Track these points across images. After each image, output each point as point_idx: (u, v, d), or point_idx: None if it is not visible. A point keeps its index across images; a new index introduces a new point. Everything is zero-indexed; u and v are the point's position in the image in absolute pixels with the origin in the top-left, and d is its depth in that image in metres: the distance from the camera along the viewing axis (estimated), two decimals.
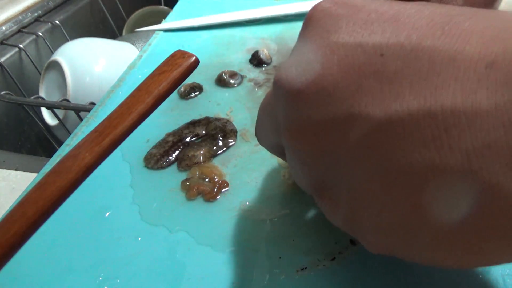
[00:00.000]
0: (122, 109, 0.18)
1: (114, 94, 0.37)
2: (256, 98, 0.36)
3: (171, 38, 0.47)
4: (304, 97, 0.16)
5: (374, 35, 0.15)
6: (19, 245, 0.15)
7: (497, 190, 0.11)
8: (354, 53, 0.15)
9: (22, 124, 0.65)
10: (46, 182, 0.16)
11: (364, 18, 0.16)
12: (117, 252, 0.24)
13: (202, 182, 0.27)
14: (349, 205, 0.16)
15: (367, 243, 0.16)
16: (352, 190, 0.16)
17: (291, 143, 0.17)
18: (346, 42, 0.15)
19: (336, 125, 0.15)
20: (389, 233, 0.15)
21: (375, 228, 0.15)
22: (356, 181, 0.15)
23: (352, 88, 0.15)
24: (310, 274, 0.22)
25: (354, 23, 0.16)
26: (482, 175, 0.12)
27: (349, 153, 0.15)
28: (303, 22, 0.18)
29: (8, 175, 0.37)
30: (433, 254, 0.14)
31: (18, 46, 0.65)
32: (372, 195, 0.15)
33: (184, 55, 0.19)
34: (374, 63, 0.14)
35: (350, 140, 0.15)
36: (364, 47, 0.15)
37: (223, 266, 0.22)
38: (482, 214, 0.12)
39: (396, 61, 0.14)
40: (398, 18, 0.15)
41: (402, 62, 0.14)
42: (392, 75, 0.14)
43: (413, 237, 0.14)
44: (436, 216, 0.13)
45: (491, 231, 0.12)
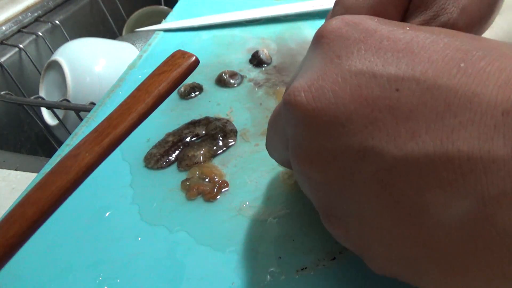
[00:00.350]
0: (122, 109, 0.18)
1: (114, 94, 0.37)
2: (256, 98, 0.36)
3: (171, 38, 0.47)
4: (315, 125, 0.16)
5: (389, 66, 0.15)
6: (19, 245, 0.15)
7: (510, 236, 0.12)
8: (368, 85, 0.15)
9: (22, 124, 0.65)
10: (46, 182, 0.16)
11: (377, 45, 0.16)
12: (117, 252, 0.24)
13: (202, 182, 0.27)
14: (359, 234, 0.16)
15: (374, 267, 0.17)
16: (362, 222, 0.16)
17: (300, 168, 0.17)
18: (358, 71, 0.15)
19: (348, 156, 0.15)
20: (398, 263, 0.15)
21: (384, 257, 0.16)
22: (367, 214, 0.15)
23: (366, 121, 0.14)
24: (310, 274, 0.22)
25: (366, 49, 0.16)
26: (496, 221, 0.12)
27: (361, 186, 0.15)
28: (313, 39, 0.18)
29: (8, 175, 0.37)
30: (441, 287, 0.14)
31: (18, 46, 0.65)
32: (383, 229, 0.15)
33: (184, 55, 0.19)
34: (389, 98, 0.14)
35: (362, 173, 0.15)
36: (378, 79, 0.15)
37: (223, 266, 0.22)
38: (493, 258, 0.12)
39: (412, 98, 0.14)
40: (413, 49, 0.15)
41: (417, 99, 0.14)
42: (408, 113, 0.14)
43: (422, 270, 0.14)
44: (447, 256, 0.13)
45: (501, 277, 0.12)
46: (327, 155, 0.15)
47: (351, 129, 0.15)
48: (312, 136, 0.16)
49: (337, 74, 0.16)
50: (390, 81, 0.14)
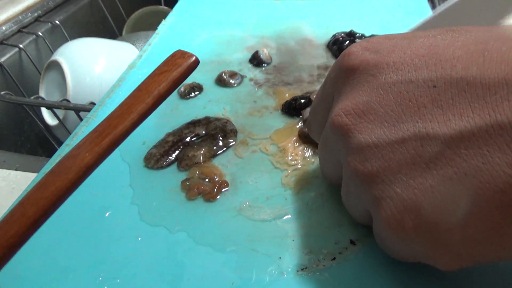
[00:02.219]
0: (122, 109, 0.18)
1: (114, 94, 0.37)
2: (256, 98, 0.36)
3: (171, 38, 0.47)
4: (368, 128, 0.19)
5: (420, 70, 0.17)
6: (19, 245, 0.15)
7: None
8: (408, 89, 0.17)
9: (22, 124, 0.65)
10: (46, 182, 0.16)
11: (402, 57, 0.18)
12: (117, 252, 0.24)
13: (202, 182, 0.27)
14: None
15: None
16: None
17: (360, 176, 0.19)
18: (396, 80, 0.18)
19: (405, 144, 0.17)
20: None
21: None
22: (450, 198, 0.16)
23: (416, 117, 0.17)
24: (310, 274, 0.22)
25: (394, 62, 0.18)
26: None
27: (429, 172, 0.16)
28: (337, 72, 0.21)
29: (8, 175, 0.37)
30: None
31: (18, 46, 0.64)
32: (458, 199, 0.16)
33: (184, 55, 0.19)
34: (430, 94, 0.17)
35: (423, 159, 0.17)
36: (415, 82, 0.17)
37: (223, 266, 0.22)
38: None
39: (450, 89, 0.16)
40: (436, 52, 0.17)
41: (456, 89, 0.16)
42: (450, 101, 0.16)
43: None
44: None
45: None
46: (387, 147, 0.18)
47: (403, 127, 0.17)
48: (367, 134, 0.18)
49: (378, 88, 0.18)
50: (426, 81, 0.17)
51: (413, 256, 0.19)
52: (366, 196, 0.19)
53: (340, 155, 0.20)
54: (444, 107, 0.16)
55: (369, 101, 0.19)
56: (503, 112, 0.15)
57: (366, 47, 0.20)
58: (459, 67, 0.16)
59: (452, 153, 0.16)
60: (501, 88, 0.15)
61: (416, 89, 0.17)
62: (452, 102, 0.16)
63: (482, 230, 0.15)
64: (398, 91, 0.18)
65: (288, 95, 0.35)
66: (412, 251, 0.18)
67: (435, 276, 0.21)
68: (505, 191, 0.14)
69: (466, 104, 0.16)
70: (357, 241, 0.23)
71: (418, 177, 0.17)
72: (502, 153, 0.15)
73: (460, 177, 0.16)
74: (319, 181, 0.27)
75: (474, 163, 0.15)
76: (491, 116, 0.15)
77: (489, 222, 0.15)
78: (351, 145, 0.19)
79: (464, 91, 0.16)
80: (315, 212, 0.25)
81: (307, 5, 0.51)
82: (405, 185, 0.17)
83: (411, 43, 0.19)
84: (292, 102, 0.33)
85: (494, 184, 0.15)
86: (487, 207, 0.15)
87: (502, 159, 0.15)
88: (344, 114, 0.19)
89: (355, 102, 0.19)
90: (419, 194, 0.17)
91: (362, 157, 0.19)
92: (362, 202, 0.20)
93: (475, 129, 0.15)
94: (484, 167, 0.15)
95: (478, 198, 0.15)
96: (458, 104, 0.16)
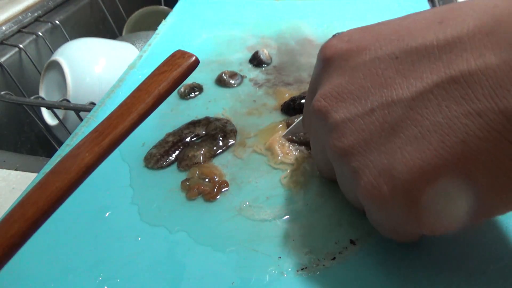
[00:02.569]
0: (122, 109, 0.18)
1: (114, 94, 0.37)
2: (256, 98, 0.36)
3: (171, 38, 0.47)
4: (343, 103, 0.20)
5: (385, 47, 0.19)
6: (19, 245, 0.15)
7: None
8: (375, 65, 0.19)
9: (22, 124, 0.65)
10: (46, 182, 0.16)
11: (370, 39, 0.20)
12: (117, 252, 0.24)
13: (202, 182, 0.27)
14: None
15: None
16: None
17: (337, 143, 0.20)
18: (364, 60, 0.20)
19: (374, 114, 0.19)
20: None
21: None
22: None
23: (382, 88, 0.19)
24: (310, 274, 0.22)
25: (363, 45, 0.20)
26: (509, 102, 0.15)
27: (399, 132, 0.18)
28: (318, 64, 0.23)
29: (8, 175, 0.37)
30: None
31: (18, 46, 0.64)
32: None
33: (184, 55, 0.19)
34: (394, 65, 0.19)
35: (391, 123, 0.18)
36: (380, 58, 0.19)
37: (223, 266, 0.22)
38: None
39: (411, 57, 0.18)
40: (399, 29, 0.19)
41: (416, 56, 0.18)
42: (411, 67, 0.18)
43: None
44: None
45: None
46: (362, 119, 0.19)
47: (372, 99, 0.19)
48: (343, 112, 0.20)
49: (349, 70, 0.20)
50: (390, 55, 0.19)
51: (399, 225, 0.19)
52: (349, 172, 0.20)
53: (324, 140, 0.22)
54: (406, 74, 0.18)
55: (342, 83, 0.20)
56: (456, 68, 0.16)
57: (340, 38, 0.22)
58: (418, 37, 0.18)
59: (415, 114, 0.17)
60: (455, 46, 0.17)
61: (381, 64, 0.19)
62: (413, 68, 0.18)
63: (450, 182, 0.16)
64: (366, 68, 0.19)
65: (288, 95, 0.35)
66: (396, 218, 0.18)
67: (435, 276, 0.21)
68: (464, 140, 0.16)
69: (425, 67, 0.17)
70: (357, 241, 0.23)
71: (387, 142, 0.18)
72: (458, 105, 0.16)
73: (424, 134, 0.17)
74: (318, 181, 0.27)
75: (435, 120, 0.17)
76: (446, 73, 0.16)
77: (455, 173, 0.16)
78: (329, 125, 0.21)
79: (423, 56, 0.17)
80: (315, 212, 0.25)
81: (307, 5, 0.51)
82: (377, 151, 0.18)
83: (379, 27, 0.21)
84: (290, 103, 0.33)
85: (454, 135, 0.16)
86: (452, 159, 0.16)
87: (458, 111, 0.16)
88: (322, 98, 0.21)
89: (331, 86, 0.21)
90: (390, 158, 0.18)
91: (338, 133, 0.20)
92: (350, 182, 0.21)
93: (433, 87, 0.17)
94: (444, 121, 0.16)
95: (442, 152, 0.16)
96: (418, 69, 0.18)
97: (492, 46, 0.16)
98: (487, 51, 0.16)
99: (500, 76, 0.15)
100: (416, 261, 0.21)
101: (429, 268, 0.21)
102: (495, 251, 0.22)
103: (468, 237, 0.22)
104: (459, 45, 0.16)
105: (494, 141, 0.15)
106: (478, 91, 0.15)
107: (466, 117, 0.16)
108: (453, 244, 0.22)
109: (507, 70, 0.15)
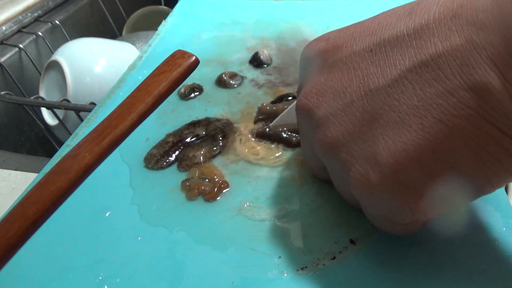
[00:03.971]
0: (122, 109, 0.18)
1: (114, 95, 0.37)
2: (256, 99, 0.36)
3: (171, 39, 0.47)
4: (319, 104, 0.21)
5: (359, 42, 0.20)
6: (19, 245, 0.15)
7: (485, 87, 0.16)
8: (351, 60, 0.20)
9: (22, 124, 0.65)
10: (46, 182, 0.16)
11: (345, 37, 0.21)
12: (117, 251, 0.24)
13: (202, 182, 0.27)
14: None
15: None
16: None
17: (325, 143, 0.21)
18: (341, 57, 0.21)
19: (354, 105, 0.19)
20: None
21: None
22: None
23: (360, 80, 0.19)
24: (310, 274, 0.22)
25: (340, 43, 0.21)
26: (475, 78, 0.16)
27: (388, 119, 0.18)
28: (300, 66, 0.25)
29: (8, 175, 0.37)
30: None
31: (18, 46, 0.64)
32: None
33: (184, 55, 0.19)
34: (369, 58, 0.19)
35: (371, 112, 0.19)
36: (356, 53, 0.20)
37: (223, 266, 0.22)
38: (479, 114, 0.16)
39: (384, 48, 0.19)
40: (371, 25, 0.20)
41: (388, 46, 0.19)
42: (385, 57, 0.19)
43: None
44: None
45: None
46: (343, 111, 0.20)
47: (351, 91, 0.20)
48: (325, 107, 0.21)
49: (328, 67, 0.21)
50: (364, 49, 0.20)
51: (393, 213, 0.19)
52: (338, 165, 0.20)
53: (311, 138, 0.22)
54: (381, 64, 0.19)
55: (321, 80, 0.21)
56: (426, 52, 0.17)
57: (318, 39, 0.23)
58: (389, 29, 0.19)
59: (392, 100, 0.18)
60: (423, 33, 0.18)
61: (357, 58, 0.20)
62: (387, 58, 0.19)
63: (434, 161, 0.17)
64: (343, 64, 0.20)
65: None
66: (389, 204, 0.19)
67: (435, 276, 0.21)
68: (441, 120, 0.16)
69: (398, 55, 0.18)
70: (357, 240, 0.23)
71: (369, 130, 0.19)
72: (431, 87, 0.17)
73: (403, 118, 0.17)
74: (318, 181, 0.27)
75: (412, 103, 0.17)
76: (417, 58, 0.17)
77: (438, 152, 0.17)
78: (314, 122, 0.21)
79: (395, 46, 0.18)
80: (315, 212, 0.25)
81: (307, 5, 0.51)
82: (361, 140, 0.19)
83: (355, 26, 0.22)
84: (283, 97, 0.34)
85: (431, 116, 0.17)
86: (432, 138, 0.17)
87: (432, 92, 0.17)
88: (304, 97, 0.22)
89: (311, 84, 0.22)
90: (373, 145, 0.18)
91: (323, 129, 0.20)
92: (341, 176, 0.21)
93: (407, 73, 0.18)
94: (420, 104, 0.17)
95: (422, 133, 0.17)
96: (392, 58, 0.18)
97: (456, 28, 0.16)
98: (452, 33, 0.17)
99: (465, 55, 0.16)
100: (416, 261, 0.22)
101: (429, 268, 0.21)
102: (495, 251, 0.22)
103: (468, 237, 0.22)
104: (427, 31, 0.17)
105: (468, 117, 0.16)
106: (448, 71, 0.16)
107: (440, 97, 0.16)
108: (453, 244, 0.22)
109: (470, 48, 0.16)
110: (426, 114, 0.17)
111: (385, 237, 0.23)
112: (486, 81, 0.15)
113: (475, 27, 0.16)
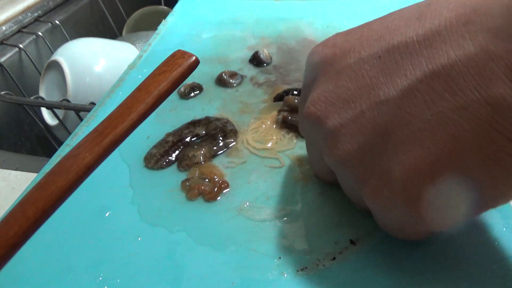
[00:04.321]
0: (122, 109, 0.18)
1: (114, 94, 0.37)
2: (256, 98, 0.36)
3: (171, 38, 0.47)
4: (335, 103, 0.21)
5: (367, 48, 0.19)
6: (19, 245, 0.15)
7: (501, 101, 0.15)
8: (359, 67, 0.19)
9: (22, 124, 0.65)
10: (46, 182, 0.16)
11: (353, 42, 0.20)
12: (117, 252, 0.24)
13: (202, 182, 0.27)
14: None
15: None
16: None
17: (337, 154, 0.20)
18: (349, 63, 0.20)
19: (365, 116, 0.19)
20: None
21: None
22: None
23: (369, 89, 0.19)
24: (310, 274, 0.22)
25: (347, 48, 0.20)
26: (492, 91, 0.15)
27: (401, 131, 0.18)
28: (306, 71, 0.24)
29: (8, 175, 0.37)
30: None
31: (18, 46, 0.64)
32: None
33: (184, 55, 0.19)
34: (378, 65, 0.19)
35: (382, 125, 0.18)
36: (364, 59, 0.19)
37: (223, 266, 0.22)
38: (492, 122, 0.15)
39: (393, 56, 0.18)
40: (379, 30, 0.19)
41: (397, 54, 0.18)
42: (395, 66, 0.18)
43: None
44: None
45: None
46: (355, 122, 0.19)
47: (360, 101, 0.19)
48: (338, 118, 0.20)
49: (335, 74, 0.20)
50: (373, 55, 0.19)
51: (406, 226, 0.19)
52: (350, 179, 0.20)
53: (320, 145, 0.22)
54: (391, 73, 0.18)
55: (329, 87, 0.20)
56: (438, 61, 0.16)
57: (325, 43, 0.22)
58: (398, 35, 0.18)
59: (403, 113, 0.17)
60: (434, 40, 0.17)
61: (365, 65, 0.19)
62: (397, 66, 0.18)
63: (447, 178, 0.16)
64: (351, 71, 0.19)
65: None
66: (402, 218, 0.19)
67: (435, 276, 0.21)
68: (455, 135, 0.16)
69: (408, 64, 0.17)
70: (357, 241, 0.23)
71: (381, 144, 0.18)
72: (444, 100, 0.16)
73: (416, 133, 0.17)
74: (319, 181, 0.27)
75: (424, 117, 0.16)
76: (428, 68, 0.16)
77: (451, 168, 0.16)
78: (325, 133, 0.20)
79: (405, 53, 0.17)
80: (315, 212, 0.25)
81: (307, 5, 0.51)
82: (374, 154, 0.18)
83: (362, 29, 0.21)
84: (284, 94, 0.33)
85: (444, 131, 0.16)
86: (445, 155, 0.16)
87: (444, 106, 0.16)
88: (312, 104, 0.21)
89: (319, 91, 0.21)
90: (386, 160, 0.18)
91: (334, 141, 0.20)
92: (352, 186, 0.21)
93: (418, 84, 0.17)
94: (433, 118, 0.16)
95: (434, 149, 0.16)
96: (401, 67, 0.17)
97: (470, 36, 0.15)
98: (465, 41, 0.16)
99: (480, 65, 0.15)
100: (416, 261, 0.21)
101: (429, 268, 0.21)
102: (495, 251, 0.22)
103: (468, 237, 0.22)
104: (438, 38, 0.16)
105: (483, 133, 0.15)
106: (461, 84, 0.15)
107: (453, 112, 0.15)
108: (453, 244, 0.22)
109: (486, 58, 0.15)
110: (439, 129, 0.16)
111: (385, 238, 0.23)
112: (505, 94, 0.14)
113: (490, 34, 0.15)
